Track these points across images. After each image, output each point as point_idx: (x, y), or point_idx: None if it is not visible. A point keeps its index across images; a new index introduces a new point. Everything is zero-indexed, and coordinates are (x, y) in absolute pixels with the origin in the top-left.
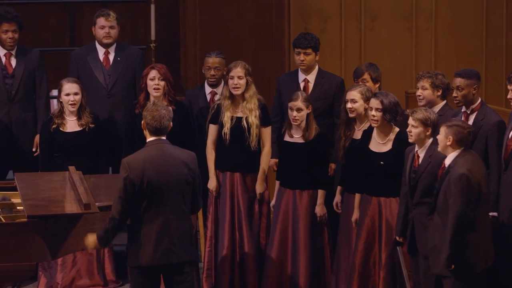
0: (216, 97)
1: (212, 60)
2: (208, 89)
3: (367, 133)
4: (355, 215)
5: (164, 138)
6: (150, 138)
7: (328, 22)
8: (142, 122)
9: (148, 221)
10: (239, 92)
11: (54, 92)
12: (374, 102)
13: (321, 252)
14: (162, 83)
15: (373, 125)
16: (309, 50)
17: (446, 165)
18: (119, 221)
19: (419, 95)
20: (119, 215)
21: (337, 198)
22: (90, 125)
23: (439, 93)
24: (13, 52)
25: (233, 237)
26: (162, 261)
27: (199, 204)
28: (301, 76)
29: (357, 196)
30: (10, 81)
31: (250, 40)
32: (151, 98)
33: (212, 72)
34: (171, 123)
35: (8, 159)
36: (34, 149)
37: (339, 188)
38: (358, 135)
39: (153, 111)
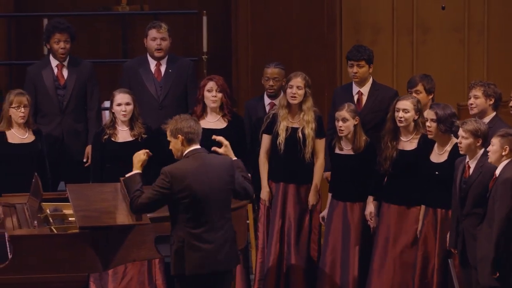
0: None
1: (271, 70)
2: (267, 100)
3: (426, 144)
4: (419, 226)
5: (199, 147)
6: (188, 149)
7: (380, 35)
8: (179, 136)
9: (192, 230)
10: (296, 101)
11: (106, 104)
12: (429, 113)
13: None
14: (220, 95)
15: (429, 136)
16: (362, 62)
17: (497, 175)
18: (136, 210)
19: (471, 104)
20: (140, 209)
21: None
22: (143, 136)
23: (491, 102)
24: (65, 63)
25: (281, 248)
26: (207, 270)
27: (250, 189)
28: (355, 89)
29: (422, 208)
30: (62, 92)
31: (302, 51)
32: (208, 109)
33: (271, 83)
34: None
35: (60, 170)
36: (85, 160)
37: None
38: (404, 146)
39: (186, 121)
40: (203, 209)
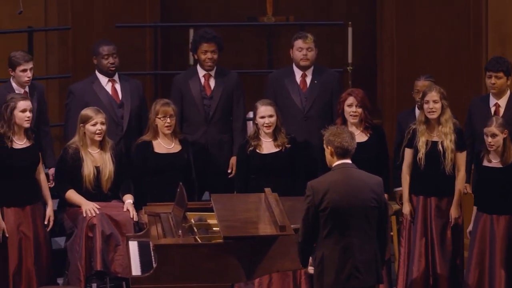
0: None
1: (421, 83)
2: (418, 113)
3: None
4: None
5: (350, 161)
6: (336, 162)
7: None
8: (329, 147)
9: (331, 245)
10: (434, 116)
11: (251, 114)
12: None
13: None
14: (359, 110)
15: None
16: (501, 74)
17: None
18: (303, 244)
19: None
20: (302, 237)
21: None
22: (286, 145)
23: None
24: (212, 73)
25: (426, 262)
26: (344, 285)
27: (386, 234)
28: (492, 100)
29: None
30: (208, 102)
31: (447, 63)
32: (348, 123)
33: (421, 96)
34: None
35: (204, 180)
36: (229, 171)
37: None
38: None
39: (339, 134)
40: (342, 224)
